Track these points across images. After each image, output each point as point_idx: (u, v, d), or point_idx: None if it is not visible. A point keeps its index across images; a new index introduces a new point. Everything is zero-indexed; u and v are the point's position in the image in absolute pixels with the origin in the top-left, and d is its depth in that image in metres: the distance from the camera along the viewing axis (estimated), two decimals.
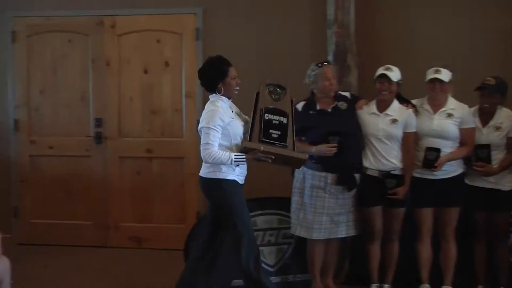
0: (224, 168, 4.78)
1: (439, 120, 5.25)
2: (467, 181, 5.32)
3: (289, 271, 5.72)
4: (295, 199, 5.31)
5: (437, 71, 5.23)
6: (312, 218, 5.19)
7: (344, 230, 5.29)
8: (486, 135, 5.25)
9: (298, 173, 5.28)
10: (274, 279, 5.69)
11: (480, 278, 5.41)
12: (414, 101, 5.37)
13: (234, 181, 4.84)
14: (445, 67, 5.26)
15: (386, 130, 5.23)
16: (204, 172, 4.87)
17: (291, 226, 5.39)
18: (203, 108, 4.89)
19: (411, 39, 6.47)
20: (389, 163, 5.22)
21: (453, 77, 5.29)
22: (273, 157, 4.78)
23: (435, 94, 5.26)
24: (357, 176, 5.24)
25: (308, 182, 5.21)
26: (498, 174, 5.21)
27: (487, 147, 5.18)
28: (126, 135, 7.08)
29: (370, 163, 5.24)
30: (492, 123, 5.27)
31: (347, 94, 5.42)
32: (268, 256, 5.74)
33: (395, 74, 5.25)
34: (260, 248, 5.64)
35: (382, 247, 5.39)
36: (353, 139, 5.22)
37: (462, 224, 5.34)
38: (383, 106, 5.28)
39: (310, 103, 5.27)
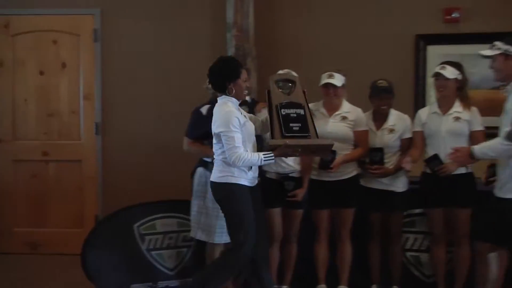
0: (236, 172, 4.69)
1: (334, 123, 5.36)
2: (362, 183, 5.45)
3: (189, 274, 5.70)
4: (196, 202, 5.29)
5: (330, 76, 5.35)
6: (214, 222, 5.19)
7: None
8: (380, 137, 5.39)
9: (200, 176, 5.27)
10: (173, 283, 5.67)
11: (374, 277, 5.55)
12: (310, 105, 5.43)
13: (245, 186, 4.73)
14: (338, 71, 5.37)
15: None
16: (216, 176, 4.75)
17: (191, 230, 5.37)
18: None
19: (309, 43, 6.60)
20: (288, 166, 5.30)
21: (346, 81, 5.41)
22: (300, 149, 4.70)
23: (329, 98, 5.38)
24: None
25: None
26: (393, 175, 5.35)
27: (380, 150, 5.32)
28: (21, 138, 6.90)
29: (269, 166, 5.28)
30: (385, 126, 5.42)
31: (247, 98, 5.45)
32: (167, 260, 5.73)
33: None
34: (159, 251, 5.66)
35: (281, 248, 5.43)
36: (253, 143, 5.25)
37: (357, 225, 5.46)
38: None
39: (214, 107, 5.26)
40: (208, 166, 5.20)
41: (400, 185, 5.41)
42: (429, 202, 5.32)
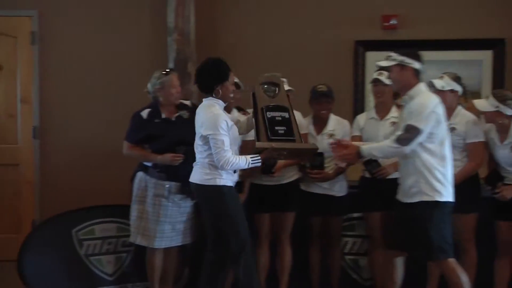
0: (224, 174, 4.70)
1: None
2: (302, 187, 5.49)
3: (128, 280, 5.68)
4: (135, 207, 5.25)
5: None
6: (154, 227, 5.16)
7: (184, 237, 5.31)
8: (321, 142, 5.43)
9: (140, 180, 5.24)
10: None
11: (314, 281, 5.60)
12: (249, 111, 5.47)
13: (233, 188, 4.76)
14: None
15: None
16: (200, 178, 4.74)
17: (130, 235, 5.33)
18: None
19: (250, 48, 6.62)
20: None
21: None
22: (285, 152, 4.73)
23: None
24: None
25: (150, 191, 5.18)
26: (332, 179, 5.41)
27: (320, 155, 5.35)
28: None
29: None
30: (325, 130, 5.47)
31: (188, 102, 5.44)
32: (106, 265, 5.67)
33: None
34: (98, 257, 5.60)
35: None
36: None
37: (298, 229, 5.49)
38: None
39: (155, 111, 5.24)
40: (148, 170, 5.19)
41: (339, 189, 5.46)
42: (367, 206, 5.39)
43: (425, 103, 4.50)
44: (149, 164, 5.19)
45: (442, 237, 4.52)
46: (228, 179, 4.73)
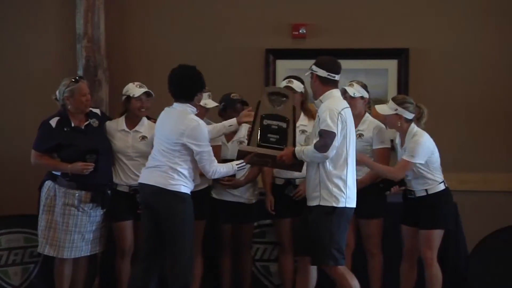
0: (188, 182, 4.77)
1: None
2: (213, 195, 5.54)
3: None
4: (44, 216, 5.19)
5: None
6: (63, 237, 5.12)
7: (94, 247, 5.29)
8: (232, 149, 5.49)
9: (48, 190, 5.19)
10: None
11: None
12: None
13: (190, 196, 4.80)
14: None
15: (135, 146, 5.31)
16: (165, 182, 4.74)
17: (38, 245, 5.26)
18: None
19: (162, 55, 6.61)
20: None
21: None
22: (270, 160, 4.74)
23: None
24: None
25: (60, 200, 5.14)
26: (243, 186, 5.47)
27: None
28: None
29: (121, 179, 5.30)
30: (236, 138, 5.53)
31: (97, 111, 5.43)
32: (13, 277, 5.60)
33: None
34: (4, 268, 5.52)
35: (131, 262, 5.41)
36: (105, 157, 5.24)
37: (209, 236, 5.53)
38: (132, 123, 5.36)
39: (64, 119, 5.19)
40: (57, 179, 5.15)
41: (250, 196, 5.53)
42: (277, 212, 5.49)
43: (331, 106, 4.62)
44: (57, 173, 5.15)
45: (334, 243, 4.63)
46: (189, 187, 4.84)
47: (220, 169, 4.86)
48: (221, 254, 5.62)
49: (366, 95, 5.39)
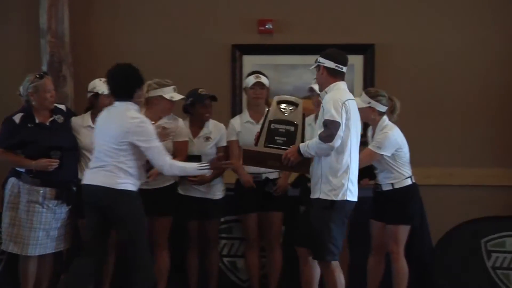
0: (134, 180, 4.74)
1: None
2: (180, 191, 5.56)
3: None
4: (7, 214, 5.16)
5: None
6: (28, 234, 5.10)
7: (59, 244, 5.27)
8: (197, 145, 5.53)
9: (13, 187, 5.16)
10: None
11: (193, 284, 5.69)
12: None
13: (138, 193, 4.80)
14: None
15: None
16: (112, 182, 4.70)
17: (2, 242, 5.24)
18: None
19: (128, 50, 6.54)
20: None
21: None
22: (276, 161, 4.69)
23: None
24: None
25: (24, 197, 5.11)
26: (209, 182, 5.50)
27: (197, 158, 5.43)
28: None
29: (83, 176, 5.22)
30: (202, 133, 5.56)
31: (62, 107, 5.41)
32: None
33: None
34: None
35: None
36: (70, 153, 5.23)
37: (176, 232, 5.55)
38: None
39: (28, 115, 5.16)
40: (21, 176, 5.13)
41: (216, 192, 5.56)
42: (243, 208, 5.53)
43: (335, 96, 4.60)
44: (21, 169, 5.13)
45: (332, 238, 4.60)
46: (136, 186, 4.82)
47: (176, 164, 4.85)
48: (188, 250, 5.64)
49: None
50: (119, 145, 4.73)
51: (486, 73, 6.44)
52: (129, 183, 4.76)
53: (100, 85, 5.31)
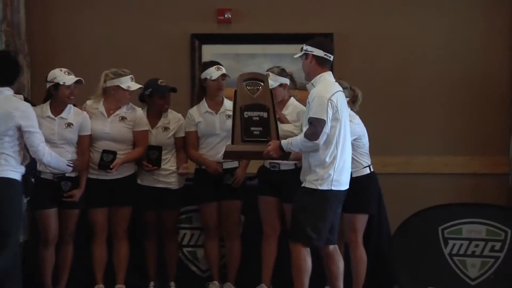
0: (17, 166, 4.71)
1: (112, 123, 5.45)
2: (138, 181, 5.60)
3: None
4: None
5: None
6: None
7: None
8: (156, 136, 5.57)
9: None
10: None
11: (152, 275, 5.71)
12: (88, 102, 5.52)
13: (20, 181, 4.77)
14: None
15: (61, 134, 5.31)
16: (11, 173, 4.68)
17: None
18: None
19: (86, 40, 6.62)
20: None
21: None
22: (257, 155, 4.78)
23: (113, 98, 5.49)
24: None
25: None
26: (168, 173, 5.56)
27: (157, 148, 5.49)
28: None
29: (44, 166, 5.24)
30: (160, 124, 5.60)
31: (20, 97, 5.19)
32: None
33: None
34: None
35: (56, 250, 5.44)
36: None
37: (134, 222, 5.59)
38: (57, 110, 5.34)
39: None
40: None
41: (174, 182, 5.60)
42: (201, 197, 5.61)
43: (320, 92, 4.61)
44: None
45: (308, 222, 4.64)
46: (19, 172, 4.78)
47: (53, 153, 4.92)
48: (145, 240, 5.67)
49: (284, 81, 5.44)
50: (12, 131, 4.72)
51: (445, 60, 6.55)
52: (10, 170, 4.72)
53: (60, 76, 5.28)
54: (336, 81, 5.12)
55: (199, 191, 5.63)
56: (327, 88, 4.67)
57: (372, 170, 5.37)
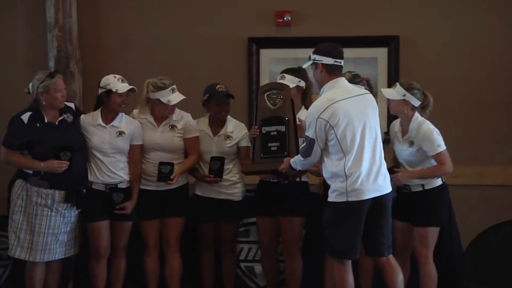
0: None
1: (163, 133, 5.42)
2: (198, 192, 5.56)
3: None
4: (15, 218, 5.14)
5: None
6: (36, 239, 5.08)
7: (67, 249, 5.26)
8: (218, 144, 5.52)
9: (20, 189, 5.15)
10: None
11: None
12: (135, 111, 5.49)
13: None
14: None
15: (112, 143, 5.29)
16: None
17: (8, 248, 5.21)
18: None
19: (138, 45, 6.62)
20: (116, 176, 5.30)
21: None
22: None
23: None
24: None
25: (32, 200, 5.10)
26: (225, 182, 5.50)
27: (220, 159, 5.43)
28: None
29: (96, 177, 5.27)
30: (223, 132, 5.55)
31: (71, 105, 5.39)
32: None
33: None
34: None
35: (108, 264, 5.43)
36: (80, 153, 5.23)
37: (189, 234, 5.56)
38: (109, 118, 5.34)
39: (36, 114, 5.15)
40: (29, 178, 5.11)
41: (238, 193, 5.55)
42: (259, 210, 5.53)
43: (311, 109, 4.66)
44: (29, 171, 5.12)
45: (330, 235, 4.65)
46: None
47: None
48: (201, 253, 5.62)
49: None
50: None
51: None
52: None
53: (114, 82, 5.28)
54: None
55: (261, 203, 5.53)
56: (321, 103, 4.62)
57: (443, 181, 5.23)
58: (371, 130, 4.65)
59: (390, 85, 6.19)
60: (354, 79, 5.27)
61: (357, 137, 4.59)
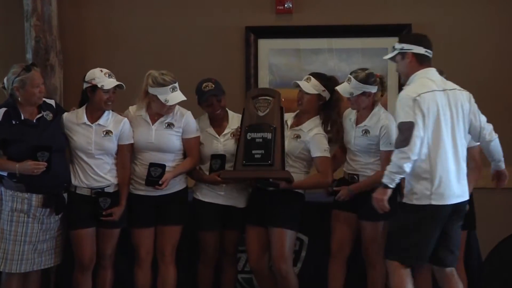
0: None
1: (158, 131, 5.27)
2: (199, 197, 5.41)
3: None
4: None
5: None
6: (11, 248, 5.01)
7: (48, 259, 5.17)
8: (223, 143, 5.38)
9: None
10: None
11: None
12: (131, 108, 5.38)
13: None
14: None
15: (98, 143, 5.19)
16: None
17: None
18: None
19: (124, 35, 6.57)
20: (103, 180, 5.19)
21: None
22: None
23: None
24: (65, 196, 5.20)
25: (7, 205, 5.03)
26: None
27: (221, 157, 5.32)
28: None
29: (80, 180, 5.18)
30: (228, 130, 5.42)
31: (52, 102, 5.31)
32: None
33: None
34: None
35: (93, 275, 5.33)
36: (60, 154, 5.16)
37: (186, 243, 5.46)
38: (94, 116, 5.24)
39: (12, 111, 5.08)
40: (3, 180, 5.07)
41: (243, 200, 5.42)
42: (250, 219, 5.40)
43: (401, 94, 4.64)
44: (3, 173, 5.04)
45: (392, 239, 4.74)
46: None
47: None
48: (201, 264, 5.49)
49: (368, 89, 5.23)
50: None
51: None
52: None
53: (100, 77, 5.18)
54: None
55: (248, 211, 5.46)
56: (416, 87, 4.65)
57: None
58: (459, 129, 4.69)
59: (399, 79, 6.04)
60: (368, 78, 5.23)
61: (444, 135, 4.64)
